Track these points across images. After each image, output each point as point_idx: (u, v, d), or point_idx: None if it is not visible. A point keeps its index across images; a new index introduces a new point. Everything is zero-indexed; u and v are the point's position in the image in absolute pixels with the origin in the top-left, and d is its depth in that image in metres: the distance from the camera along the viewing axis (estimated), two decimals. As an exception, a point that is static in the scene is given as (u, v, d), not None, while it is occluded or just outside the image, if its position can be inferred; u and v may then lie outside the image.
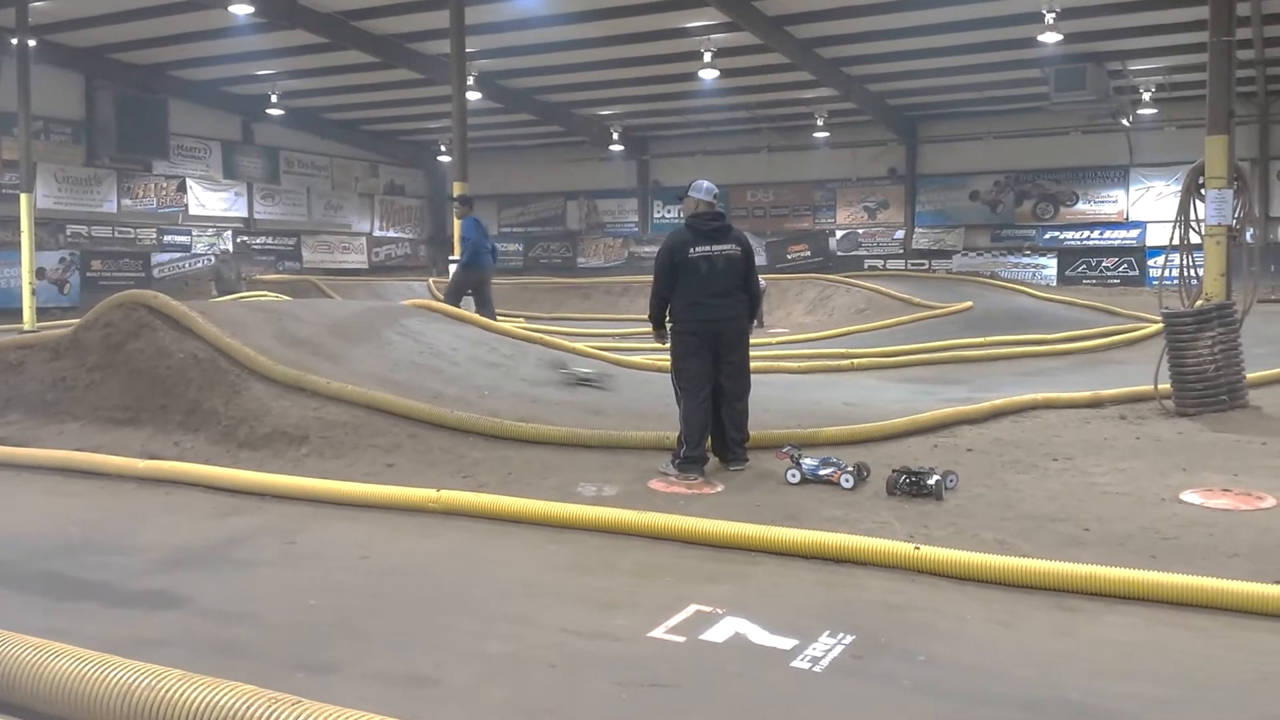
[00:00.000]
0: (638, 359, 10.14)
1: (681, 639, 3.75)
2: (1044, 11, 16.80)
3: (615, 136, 26.81)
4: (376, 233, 29.56)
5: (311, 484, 5.88)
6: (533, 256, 30.08)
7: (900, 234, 26.10)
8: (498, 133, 26.67)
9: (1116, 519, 5.20)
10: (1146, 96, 21.50)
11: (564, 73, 22.26)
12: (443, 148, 27.62)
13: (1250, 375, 8.41)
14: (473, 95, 19.50)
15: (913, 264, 24.84)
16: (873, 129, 25.18)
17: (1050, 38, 17.67)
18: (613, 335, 13.91)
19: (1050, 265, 24.35)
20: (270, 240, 26.56)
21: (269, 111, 24.68)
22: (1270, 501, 5.42)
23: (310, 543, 5.16)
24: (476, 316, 10.68)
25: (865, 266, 24.69)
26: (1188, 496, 5.55)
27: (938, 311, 15.88)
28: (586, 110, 25.88)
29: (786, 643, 3.68)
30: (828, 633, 3.75)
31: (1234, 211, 8.78)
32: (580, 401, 8.16)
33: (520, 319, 15.79)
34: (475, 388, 8.03)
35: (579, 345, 10.61)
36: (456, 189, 14.25)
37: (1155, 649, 3.67)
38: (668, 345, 6.49)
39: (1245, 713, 3.12)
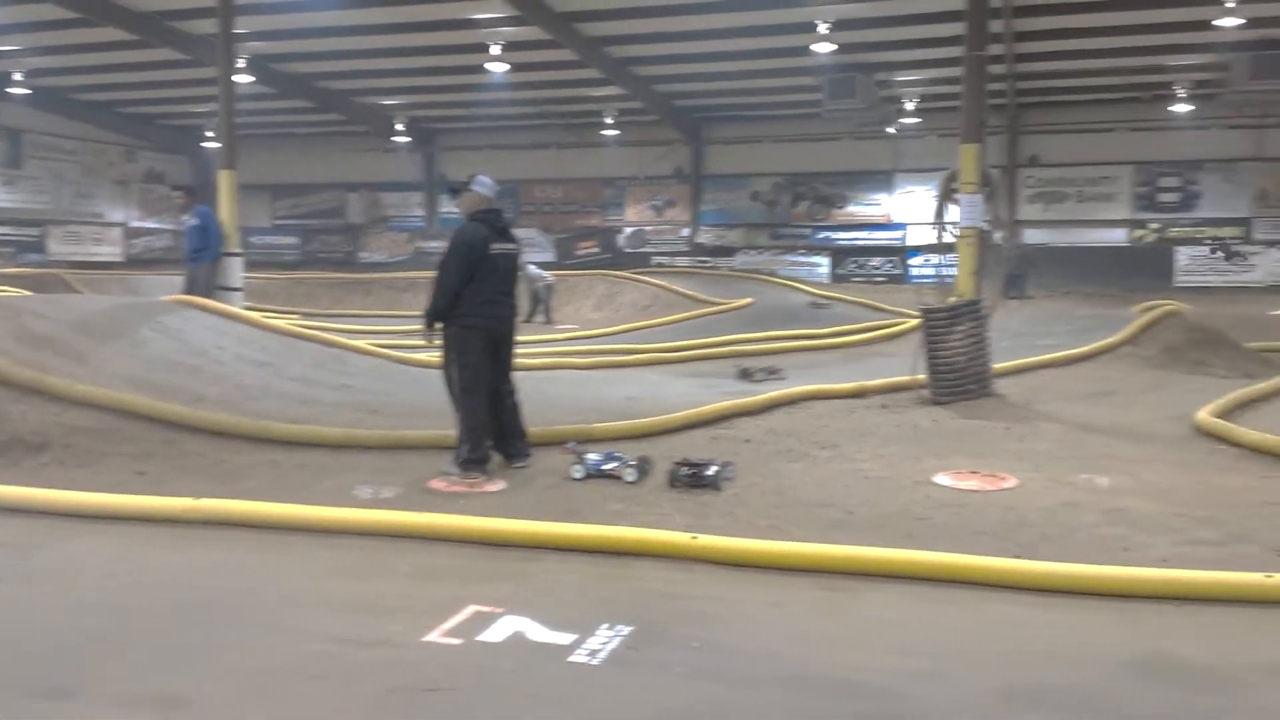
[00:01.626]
0: (420, 356, 9.89)
1: (459, 641, 3.66)
2: (817, 23, 17.64)
3: (400, 127, 26.09)
4: (133, 223, 27.50)
5: (51, 495, 5.36)
6: (311, 250, 28.87)
7: (686, 232, 26.76)
8: (272, 119, 25.36)
9: (876, 502, 5.50)
10: (910, 106, 22.97)
11: (344, 59, 21.46)
12: (209, 133, 26.01)
13: (996, 366, 9.11)
14: (244, 79, 18.46)
15: (698, 261, 25.50)
16: (660, 129, 25.68)
17: (824, 48, 18.57)
18: (396, 332, 13.49)
19: (824, 263, 25.64)
20: (10, 231, 24.22)
21: (11, 91, 22.49)
22: (1013, 481, 5.88)
23: (50, 559, 4.71)
24: (246, 313, 10.11)
25: (652, 263, 25.16)
26: (940, 479, 5.94)
27: (721, 308, 16.37)
28: (368, 99, 25.05)
29: (565, 638, 3.65)
30: (606, 625, 3.75)
31: (986, 215, 9.50)
32: (358, 401, 7.87)
33: (295, 316, 15.07)
34: (242, 388, 7.59)
35: (358, 343, 10.23)
36: (224, 179, 13.43)
37: (914, 624, 3.88)
38: (439, 342, 6.28)
39: (998, 681, 3.33)
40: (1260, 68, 19.01)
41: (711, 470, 5.78)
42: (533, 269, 17.50)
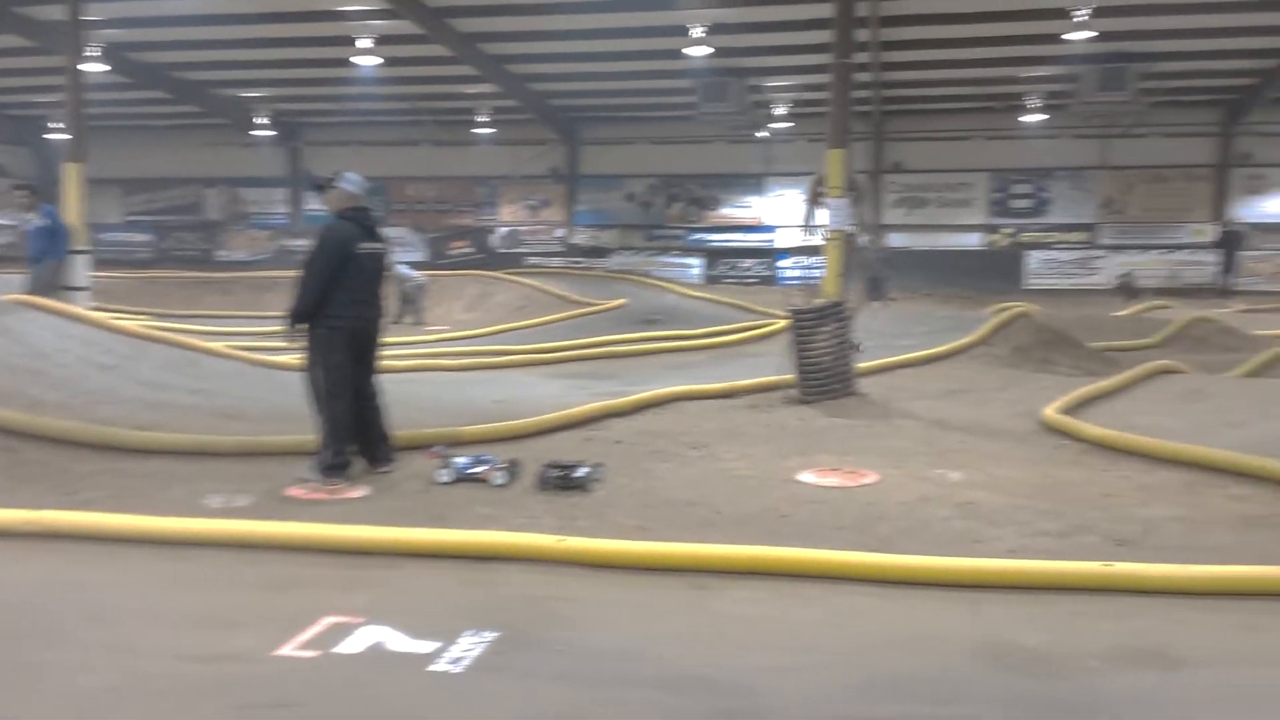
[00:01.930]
0: (282, 358, 9.55)
1: (313, 654, 3.54)
2: (691, 26, 17.83)
3: (262, 121, 25.18)
4: (-32, 219, 25.80)
5: None
6: (165, 248, 27.65)
7: (561, 232, 26.69)
8: (126, 110, 24.16)
9: (743, 500, 5.57)
10: (781, 111, 23.47)
11: (204, 49, 20.59)
12: (55, 125, 24.56)
13: (860, 365, 9.36)
14: (96, 68, 17.53)
15: (572, 262, 25.46)
16: (535, 128, 25.53)
17: (698, 51, 18.79)
18: (257, 333, 13.01)
19: (697, 265, 25.97)
20: None
21: None
22: (873, 477, 6.05)
23: None
24: (91, 314, 9.58)
25: (527, 264, 24.99)
26: (804, 477, 6.07)
27: (594, 308, 16.37)
28: (229, 91, 24.12)
29: (427, 646, 3.57)
30: (470, 632, 3.69)
31: (851, 218, 9.78)
32: (214, 406, 7.55)
33: (145, 317, 14.35)
34: (86, 393, 7.18)
35: (214, 345, 9.82)
36: (71, 172, 12.74)
37: (774, 620, 3.95)
38: (302, 344, 6.07)
39: (855, 673, 3.41)
40: (1106, 80, 20.16)
41: (581, 472, 5.76)
42: (403, 269, 17.15)
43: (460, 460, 5.92)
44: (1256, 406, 8.29)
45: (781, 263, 25.01)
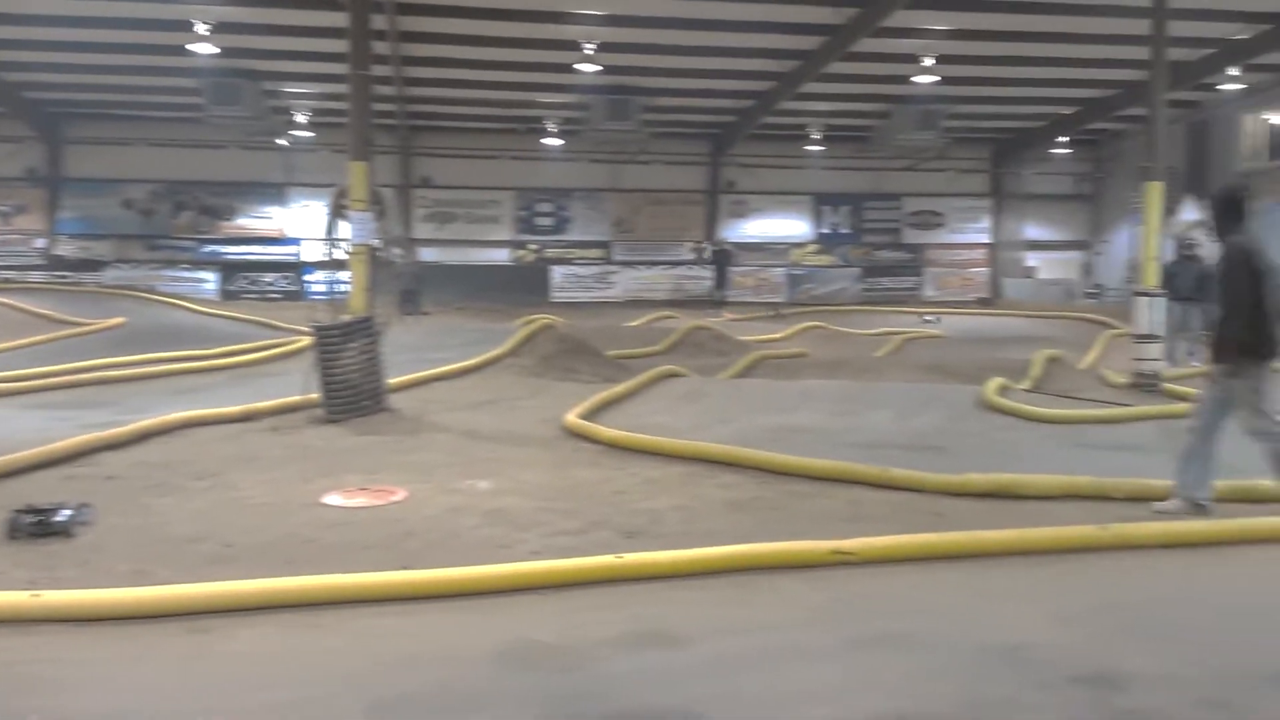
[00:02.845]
0: None
1: None
2: (195, 22, 16.48)
3: None
4: None
5: None
6: None
7: (42, 242, 23.37)
8: None
9: (260, 530, 5.19)
10: (302, 119, 22.55)
11: None
12: None
13: (391, 381, 9.22)
14: None
15: (57, 276, 22.38)
16: (7, 123, 22.13)
17: (204, 49, 17.41)
18: None
19: (212, 279, 24.13)
20: None
21: None
22: (402, 494, 5.94)
23: None
24: None
25: (-1, 279, 21.59)
26: (330, 499, 5.80)
27: (85, 329, 14.54)
28: None
29: None
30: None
31: (376, 232, 9.57)
32: None
33: None
34: None
35: None
36: None
37: (285, 655, 3.68)
38: None
39: (363, 698, 3.25)
40: (613, 110, 21.92)
41: (63, 515, 5.03)
42: None
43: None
44: (743, 404, 9.41)
45: (309, 277, 24.04)
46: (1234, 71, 19.87)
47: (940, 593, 4.32)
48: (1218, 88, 21.21)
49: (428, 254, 24.80)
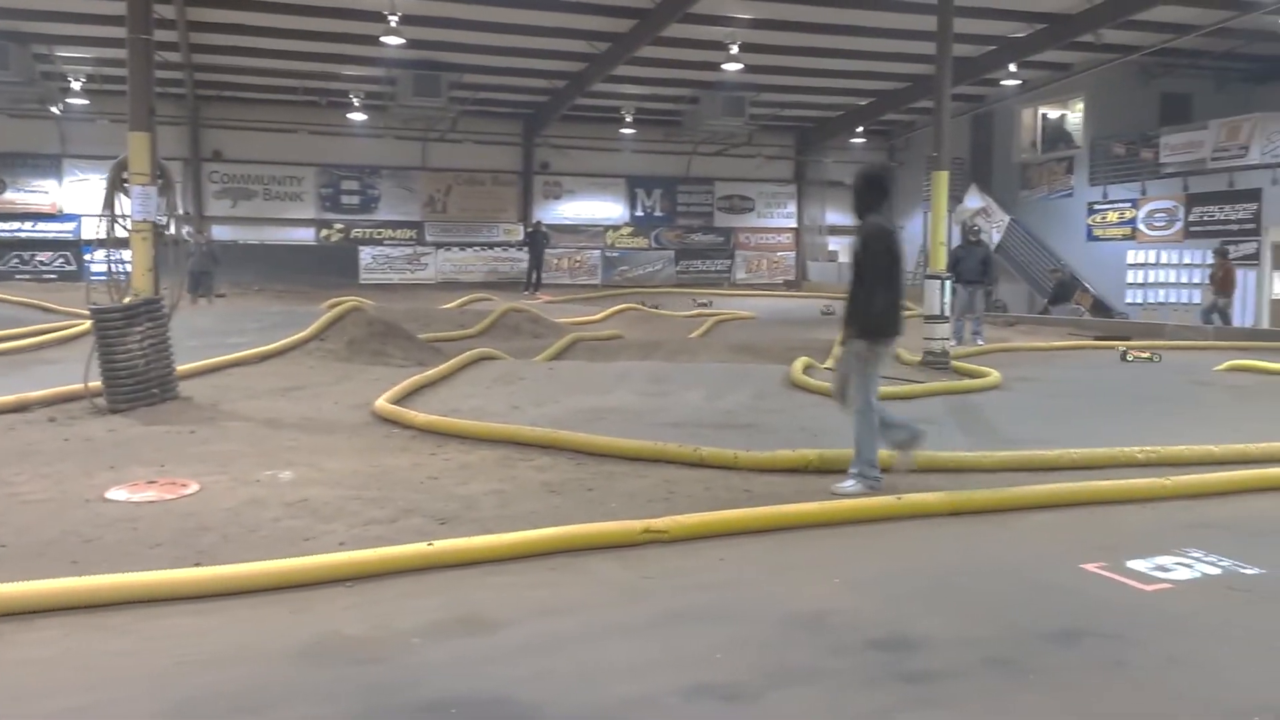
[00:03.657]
0: None
1: None
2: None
3: None
4: None
5: None
6: None
7: None
8: None
9: (37, 529, 4.80)
10: (77, 86, 20.87)
11: None
12: None
13: (181, 367, 8.70)
14: None
15: None
16: None
17: (-37, 7, 15.86)
18: None
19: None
20: None
21: None
22: (194, 487, 5.61)
23: None
24: None
25: None
26: (114, 494, 5.42)
27: None
28: None
29: None
30: None
31: (161, 209, 8.95)
32: None
33: None
34: None
35: None
36: None
37: (76, 658, 3.43)
38: None
39: (162, 700, 3.07)
40: (421, 86, 21.38)
41: None
42: None
43: None
44: (559, 386, 9.39)
45: (87, 256, 22.35)
46: (1013, 68, 21.37)
47: (747, 566, 4.45)
48: (1001, 83, 22.75)
49: (222, 232, 23.53)
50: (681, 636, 3.61)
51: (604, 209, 27.69)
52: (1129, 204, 22.14)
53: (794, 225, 29.48)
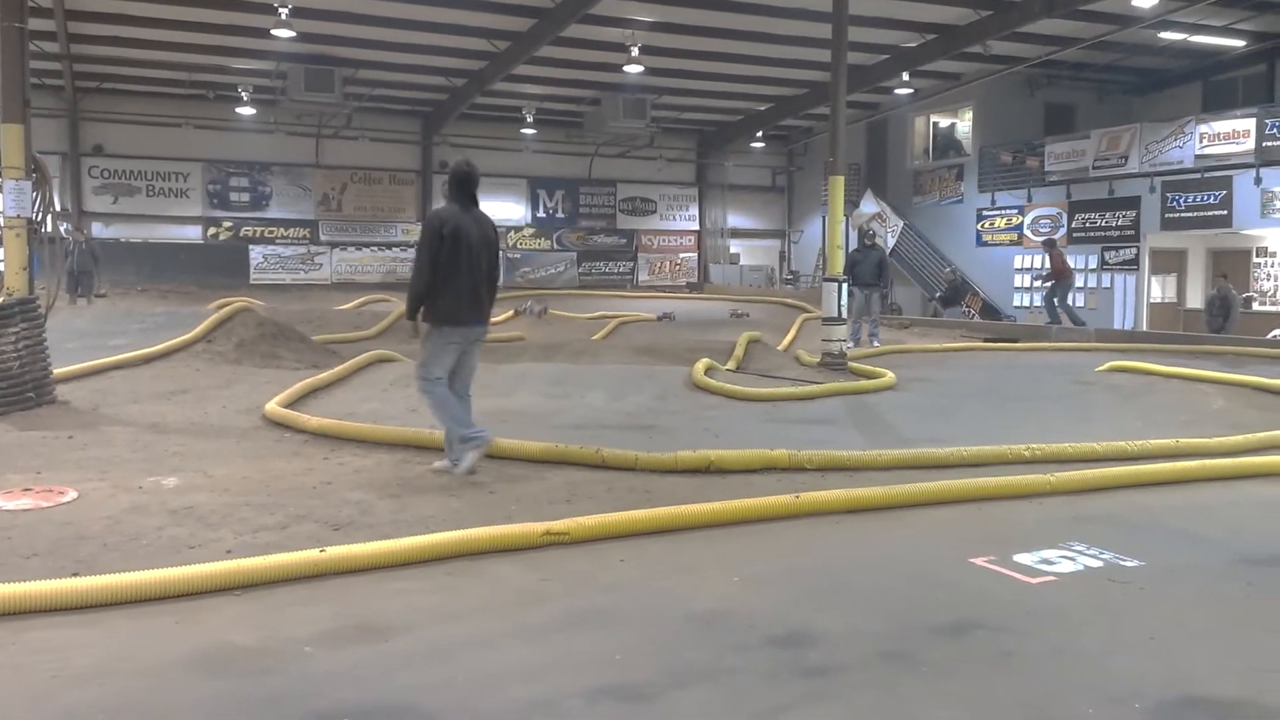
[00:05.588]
0: None
1: None
2: None
3: None
4: None
5: None
6: None
7: None
8: None
9: (-106, 543, 4.50)
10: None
11: None
12: None
13: (59, 370, 8.32)
14: None
15: None
16: None
17: None
18: None
19: None
20: None
21: None
22: (73, 494, 5.35)
23: None
24: None
25: None
26: (-16, 503, 5.13)
27: None
28: None
29: None
30: None
31: (35, 204, 8.55)
32: None
33: None
34: None
35: None
36: None
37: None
38: None
39: (37, 716, 2.93)
40: (314, 80, 20.86)
41: None
42: None
43: None
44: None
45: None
46: (906, 76, 21.97)
47: (647, 567, 4.45)
48: (894, 91, 23.36)
49: (103, 230, 22.59)
50: (582, 638, 3.58)
51: (505, 210, 27.46)
52: (1016, 210, 22.98)
53: (696, 228, 29.74)
